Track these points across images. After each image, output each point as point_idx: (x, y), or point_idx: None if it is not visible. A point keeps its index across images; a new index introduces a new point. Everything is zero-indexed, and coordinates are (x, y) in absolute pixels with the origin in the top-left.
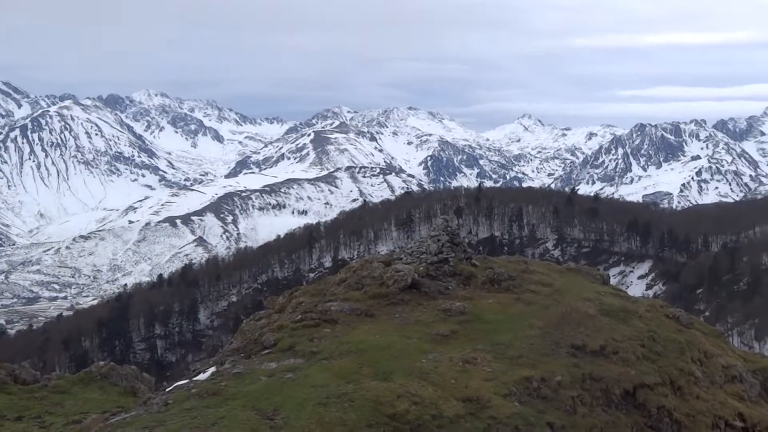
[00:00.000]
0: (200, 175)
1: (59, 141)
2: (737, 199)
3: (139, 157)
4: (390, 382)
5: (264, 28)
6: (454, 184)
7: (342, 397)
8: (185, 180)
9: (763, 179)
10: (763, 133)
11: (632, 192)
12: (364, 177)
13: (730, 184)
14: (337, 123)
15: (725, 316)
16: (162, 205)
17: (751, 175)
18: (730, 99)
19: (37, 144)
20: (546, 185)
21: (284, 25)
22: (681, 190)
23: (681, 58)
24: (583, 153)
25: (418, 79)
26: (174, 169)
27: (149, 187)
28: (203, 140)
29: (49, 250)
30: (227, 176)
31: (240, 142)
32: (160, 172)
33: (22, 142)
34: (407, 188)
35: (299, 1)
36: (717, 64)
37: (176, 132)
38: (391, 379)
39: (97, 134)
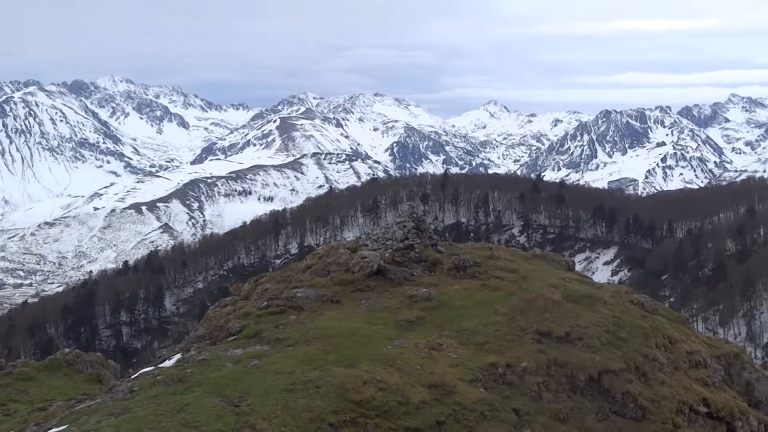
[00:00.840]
0: (166, 161)
1: (24, 127)
2: (702, 185)
3: (104, 143)
4: (356, 369)
5: (230, 14)
6: (420, 170)
7: (308, 384)
8: (151, 166)
9: (727, 166)
10: (727, 120)
11: (598, 178)
12: (330, 163)
13: (695, 171)
14: (303, 109)
15: (690, 302)
16: (127, 191)
17: (715, 162)
18: (695, 86)
19: (1, 130)
20: (512, 172)
21: (250, 11)
22: (646, 177)
23: (646, 44)
24: (549, 139)
25: (384, 66)
26: (139, 155)
27: (114, 173)
28: (169, 126)
29: (14, 236)
30: (193, 163)
31: (206, 129)
32: (126, 159)
33: None
34: (373, 175)
35: None
36: (682, 50)
37: (141, 118)
38: (356, 365)
39: (61, 120)
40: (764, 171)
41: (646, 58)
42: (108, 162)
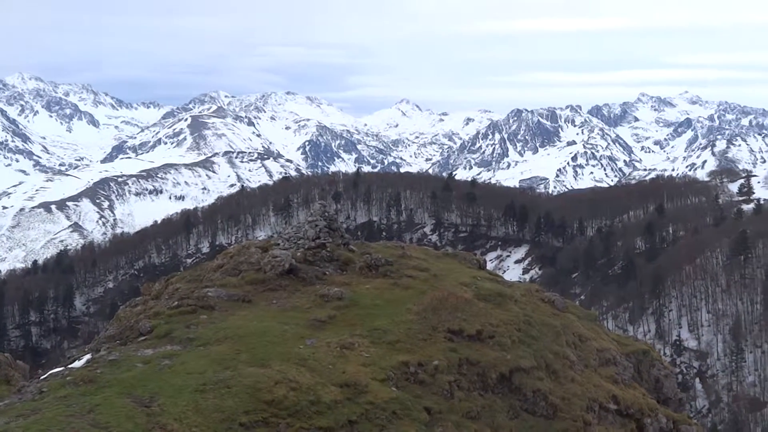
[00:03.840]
0: (76, 160)
1: None
2: (612, 184)
3: (12, 141)
4: (267, 369)
5: (140, 12)
6: (333, 169)
7: (219, 384)
8: (60, 165)
9: (637, 164)
10: (637, 119)
11: (509, 177)
12: (242, 162)
13: (605, 169)
14: (214, 108)
15: (600, 300)
16: (36, 190)
17: (625, 161)
18: (605, 85)
19: None
20: (424, 170)
21: (160, 9)
22: (557, 175)
23: (556, 44)
24: (461, 138)
25: (295, 64)
26: (49, 153)
27: (23, 172)
28: (78, 125)
29: None
30: (103, 161)
31: (116, 127)
32: (35, 157)
33: None
34: (285, 173)
35: None
36: (591, 50)
37: (51, 116)
38: (268, 365)
39: None
40: (673, 170)
41: (556, 57)
42: (17, 160)
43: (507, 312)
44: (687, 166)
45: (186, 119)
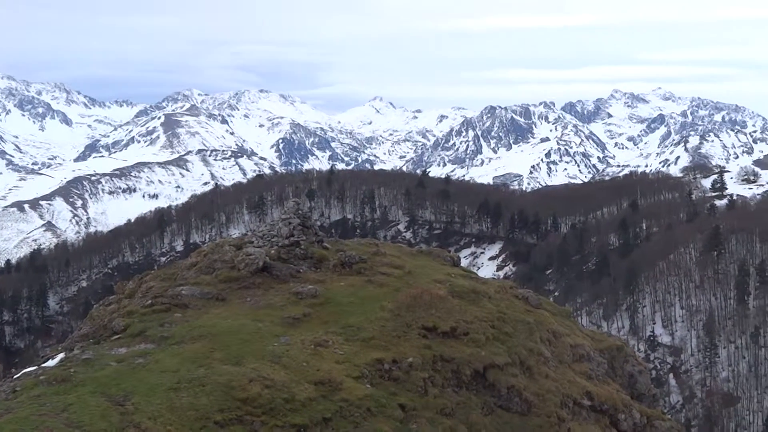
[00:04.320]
0: (48, 158)
1: None
2: (586, 180)
3: None
4: (242, 366)
5: (112, 10)
6: (306, 166)
7: (193, 382)
8: (33, 164)
9: (610, 161)
10: (610, 115)
11: (483, 174)
12: (215, 160)
13: (578, 166)
14: (187, 106)
15: (574, 296)
16: (9, 189)
17: (598, 157)
18: (579, 81)
19: None
20: (398, 168)
21: (134, 7)
22: (531, 172)
23: (529, 41)
24: (434, 135)
25: (268, 62)
26: (21, 152)
27: None
28: (51, 123)
29: None
30: (76, 160)
31: (89, 126)
32: (7, 156)
33: None
34: (259, 171)
35: None
36: (565, 47)
37: (23, 115)
38: (242, 363)
39: None
40: (646, 166)
41: (530, 54)
42: None
43: (481, 309)
44: (660, 162)
45: (159, 117)
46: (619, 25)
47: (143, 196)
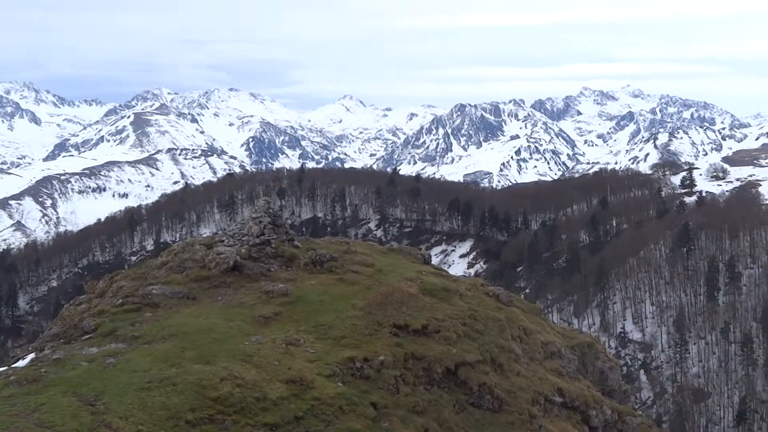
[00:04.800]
0: (17, 158)
1: None
2: (555, 177)
3: None
4: (213, 366)
5: (81, 8)
6: (277, 165)
7: (164, 381)
8: (2, 163)
9: (580, 158)
10: (579, 113)
11: (453, 172)
12: (185, 159)
13: (548, 163)
14: (157, 105)
15: (545, 293)
16: None
17: (568, 154)
18: (548, 79)
19: None
20: (368, 166)
21: (102, 5)
22: (501, 170)
23: (499, 39)
24: (405, 133)
25: (237, 61)
26: None
27: None
28: (20, 123)
29: None
30: (45, 159)
31: (58, 125)
32: None
33: None
34: (229, 170)
35: None
36: (534, 44)
37: None
38: (214, 362)
39: None
40: (616, 163)
41: (499, 52)
42: None
43: (452, 306)
44: (630, 159)
45: (129, 116)
46: (588, 23)
47: (113, 196)
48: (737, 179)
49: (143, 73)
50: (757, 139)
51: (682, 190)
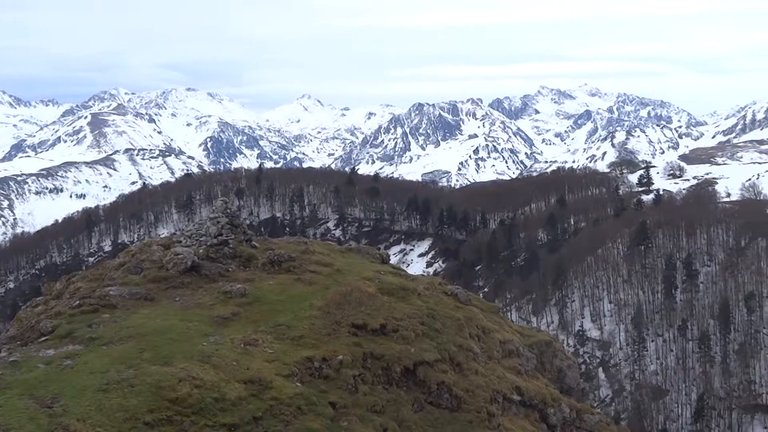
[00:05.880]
0: None
1: None
2: (514, 176)
3: None
4: (171, 366)
5: (34, 7)
6: (235, 165)
7: (122, 383)
8: None
9: (538, 157)
10: (537, 112)
11: (412, 171)
12: (143, 159)
13: (506, 162)
14: (114, 105)
15: (504, 292)
16: None
17: (526, 153)
18: (506, 78)
19: None
20: (326, 165)
21: (56, 4)
22: (459, 169)
23: (457, 37)
24: (363, 133)
25: (194, 60)
26: None
27: None
28: None
29: None
30: (2, 160)
31: (15, 126)
32: None
33: None
34: (187, 170)
35: None
36: (492, 43)
37: None
38: (172, 363)
39: None
40: (574, 161)
41: (457, 50)
42: None
43: (410, 306)
44: (587, 158)
45: (86, 117)
46: (546, 21)
47: (70, 196)
48: (694, 177)
49: (100, 73)
50: (713, 137)
51: (640, 189)
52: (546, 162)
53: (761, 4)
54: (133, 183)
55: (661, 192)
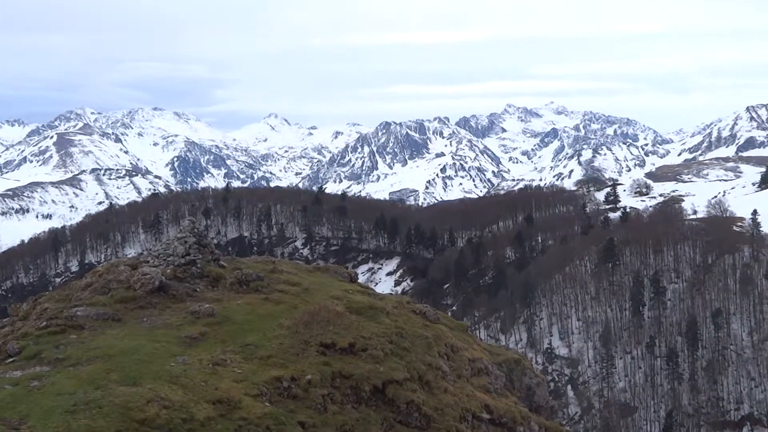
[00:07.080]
0: None
1: None
2: (481, 194)
3: None
4: (139, 387)
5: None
6: (202, 184)
7: (90, 404)
8: None
9: (505, 175)
10: (504, 130)
11: (379, 190)
12: (109, 179)
13: (474, 180)
14: (80, 125)
15: (472, 310)
16: None
17: (493, 171)
18: (472, 96)
19: None
20: (294, 185)
21: (22, 24)
22: (426, 187)
23: (423, 56)
24: (330, 152)
25: (159, 80)
26: None
27: None
28: None
29: None
30: None
31: None
32: None
33: None
34: (154, 190)
35: (37, 2)
36: (458, 62)
37: None
38: (140, 383)
39: None
40: (541, 180)
41: (424, 69)
42: None
43: (379, 324)
44: (554, 176)
45: (52, 137)
46: (511, 39)
47: (37, 217)
48: (660, 195)
49: (66, 92)
50: (679, 154)
51: (607, 206)
52: (513, 180)
53: (719, 24)
54: (100, 203)
55: (628, 209)
